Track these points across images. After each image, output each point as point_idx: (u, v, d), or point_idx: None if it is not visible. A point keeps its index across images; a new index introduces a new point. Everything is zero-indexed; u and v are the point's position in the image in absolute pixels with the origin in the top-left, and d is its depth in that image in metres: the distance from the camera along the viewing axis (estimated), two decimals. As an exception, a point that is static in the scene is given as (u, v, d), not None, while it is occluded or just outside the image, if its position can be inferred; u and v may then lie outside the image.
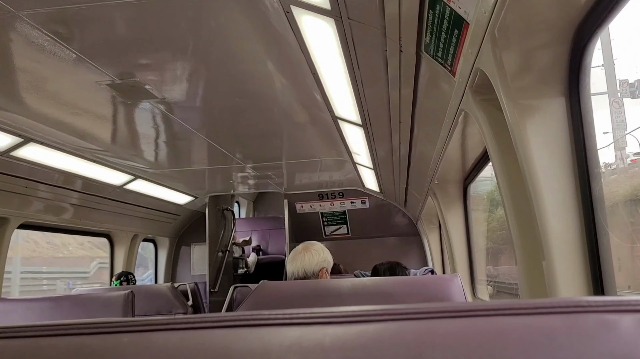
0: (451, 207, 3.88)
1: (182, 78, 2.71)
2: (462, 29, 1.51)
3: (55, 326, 0.52)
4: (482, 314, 0.47)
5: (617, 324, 0.45)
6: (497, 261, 5.25)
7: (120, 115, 3.28)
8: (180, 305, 4.03)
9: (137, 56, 2.40)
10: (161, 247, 7.26)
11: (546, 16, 1.28)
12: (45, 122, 3.20)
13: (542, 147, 1.42)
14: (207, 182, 5.90)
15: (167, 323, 0.49)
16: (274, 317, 0.47)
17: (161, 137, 3.87)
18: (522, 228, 1.63)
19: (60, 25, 2.06)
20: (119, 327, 0.49)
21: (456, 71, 1.79)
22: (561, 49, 1.36)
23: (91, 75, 2.53)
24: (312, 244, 2.42)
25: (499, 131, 1.68)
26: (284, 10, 1.90)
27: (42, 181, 4.04)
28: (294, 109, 3.29)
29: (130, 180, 4.88)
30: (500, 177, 1.72)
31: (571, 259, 1.41)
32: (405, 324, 0.46)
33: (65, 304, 2.56)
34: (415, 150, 3.51)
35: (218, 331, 0.47)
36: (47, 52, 2.25)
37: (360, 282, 1.70)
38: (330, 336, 0.45)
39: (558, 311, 0.47)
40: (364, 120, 3.15)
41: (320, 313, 0.47)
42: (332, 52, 2.19)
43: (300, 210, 6.92)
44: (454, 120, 2.21)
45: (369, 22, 1.85)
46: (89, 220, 5.06)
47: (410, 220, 6.77)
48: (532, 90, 1.42)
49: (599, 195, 1.39)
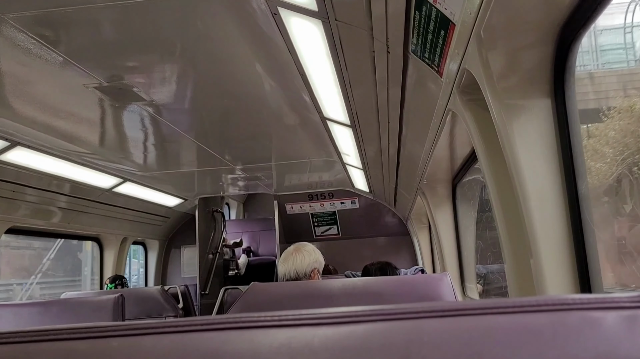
0: (440, 206, 3.90)
1: (170, 81, 2.70)
2: (449, 30, 1.52)
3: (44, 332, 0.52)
4: (469, 313, 0.48)
5: (601, 321, 0.46)
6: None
7: (108, 118, 3.26)
8: (171, 308, 4.02)
9: (124, 59, 2.39)
10: (151, 250, 7.23)
11: (531, 17, 1.30)
12: (32, 126, 3.18)
13: (529, 146, 1.44)
14: (196, 184, 5.88)
15: (157, 327, 0.49)
16: (263, 319, 0.47)
17: (150, 140, 3.85)
18: (509, 226, 1.65)
19: (46, 28, 2.05)
20: (108, 331, 0.49)
21: (443, 72, 1.80)
22: (546, 49, 1.37)
23: (78, 78, 2.52)
24: (304, 245, 2.43)
25: (486, 131, 1.69)
26: (272, 12, 1.90)
27: (30, 185, 4.00)
28: (283, 110, 3.29)
29: (119, 183, 4.85)
30: (488, 176, 1.73)
31: (558, 256, 1.43)
32: (393, 325, 0.47)
33: (54, 309, 2.54)
34: (404, 150, 3.53)
35: (208, 334, 0.47)
36: (33, 55, 2.23)
37: (350, 282, 1.70)
38: (319, 337, 0.45)
39: (544, 309, 0.47)
40: (352, 121, 3.16)
41: (309, 314, 0.47)
42: (320, 53, 2.19)
43: (291, 211, 6.92)
44: (441, 120, 2.23)
45: (356, 24, 1.86)
46: (78, 224, 5.03)
47: (400, 219, 6.79)
48: (518, 90, 1.43)
49: (585, 193, 1.40)
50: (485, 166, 1.73)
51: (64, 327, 0.51)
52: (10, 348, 0.50)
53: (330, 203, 6.85)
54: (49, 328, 0.52)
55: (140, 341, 0.49)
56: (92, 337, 0.49)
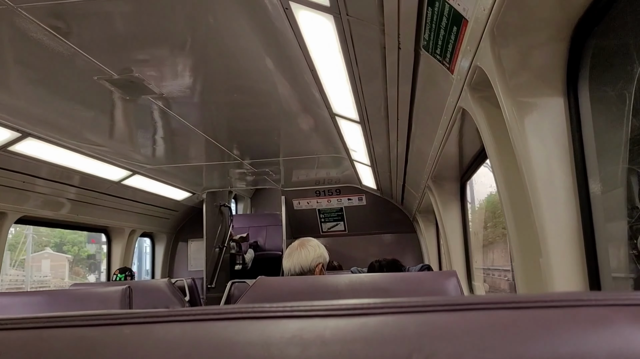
0: (448, 204, 3.89)
1: (181, 74, 2.70)
2: (461, 26, 1.51)
3: (57, 318, 0.52)
4: (481, 307, 0.47)
5: (614, 318, 0.45)
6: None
7: (119, 111, 3.28)
8: (178, 301, 4.04)
9: (135, 52, 2.40)
10: (158, 243, 7.27)
11: (545, 14, 1.29)
12: (43, 117, 3.20)
13: (540, 144, 1.43)
14: (204, 178, 5.90)
15: (169, 315, 0.49)
16: (275, 310, 0.47)
17: (159, 133, 3.87)
18: (518, 224, 1.64)
19: (58, 20, 2.05)
20: (120, 319, 0.50)
21: (454, 68, 1.79)
22: (559, 47, 1.36)
23: (90, 71, 2.53)
24: (308, 240, 2.43)
25: (497, 128, 1.68)
26: (283, 7, 1.90)
27: (40, 176, 4.03)
28: (292, 106, 3.29)
29: (128, 176, 4.88)
30: (498, 174, 1.72)
31: (568, 256, 1.42)
32: (405, 318, 0.47)
33: (63, 299, 2.55)
34: (412, 147, 3.52)
35: (219, 324, 0.48)
36: (45, 46, 2.24)
37: (357, 278, 1.70)
38: (331, 328, 0.45)
39: (556, 304, 0.47)
40: (361, 117, 3.15)
41: (320, 305, 0.47)
42: (331, 48, 2.19)
43: (298, 207, 6.93)
44: (451, 117, 2.22)
45: (367, 19, 1.86)
46: (87, 215, 5.06)
47: (407, 216, 6.78)
48: (531, 88, 1.42)
49: (596, 192, 1.39)
50: (495, 164, 1.72)
51: (76, 314, 0.52)
52: (24, 333, 0.50)
53: (338, 200, 6.85)
54: (61, 314, 0.52)
55: (151, 329, 0.49)
56: (105, 324, 0.50)
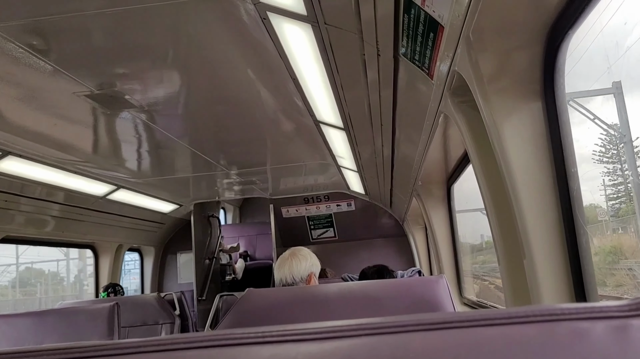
0: (436, 207, 3.90)
1: (162, 87, 2.68)
2: (438, 32, 1.51)
3: (30, 352, 0.50)
4: (457, 326, 0.47)
5: (590, 331, 0.45)
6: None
7: (101, 126, 3.24)
8: (167, 315, 4.00)
9: (115, 66, 2.38)
10: (147, 256, 7.20)
11: (519, 18, 1.29)
12: (24, 135, 3.16)
13: (520, 147, 1.43)
14: (191, 190, 5.86)
15: (137, 346, 0.48)
16: (246, 336, 0.46)
17: (143, 146, 3.83)
18: (502, 227, 1.64)
19: (34, 37, 2.03)
20: (83, 352, 0.48)
21: (434, 74, 1.80)
22: (535, 50, 1.37)
23: (69, 87, 2.50)
24: (299, 249, 2.41)
25: (477, 132, 1.68)
26: (261, 17, 1.90)
27: (23, 194, 3.98)
28: (276, 114, 3.28)
29: (112, 190, 4.83)
30: (481, 178, 1.72)
31: (551, 256, 1.42)
32: (379, 339, 0.46)
33: (50, 319, 2.52)
34: (398, 152, 3.52)
35: (189, 353, 0.46)
36: (22, 64, 2.21)
37: (346, 287, 1.69)
38: (302, 354, 0.44)
39: (532, 320, 0.46)
40: (345, 124, 3.15)
41: (292, 330, 0.46)
42: (311, 57, 2.19)
43: (287, 215, 6.91)
44: (433, 122, 2.22)
45: (345, 27, 1.85)
46: (72, 232, 5.00)
47: (397, 221, 6.79)
48: (509, 92, 1.43)
49: (577, 194, 1.40)
50: (478, 167, 1.73)
51: (45, 348, 0.50)
52: None
53: (326, 206, 6.84)
54: (35, 348, 0.51)
55: None
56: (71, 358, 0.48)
